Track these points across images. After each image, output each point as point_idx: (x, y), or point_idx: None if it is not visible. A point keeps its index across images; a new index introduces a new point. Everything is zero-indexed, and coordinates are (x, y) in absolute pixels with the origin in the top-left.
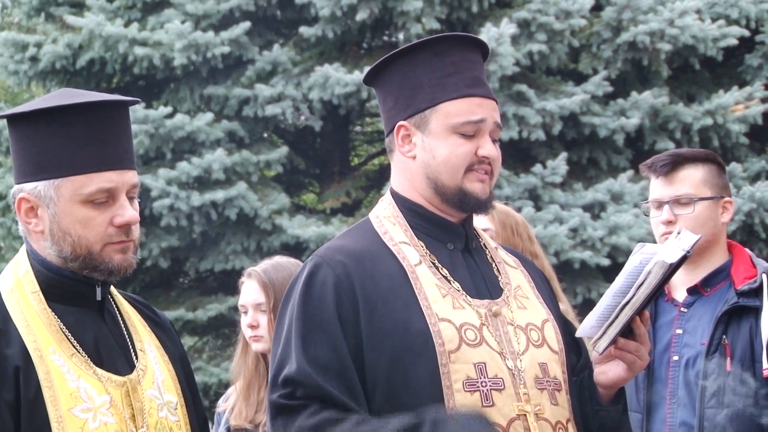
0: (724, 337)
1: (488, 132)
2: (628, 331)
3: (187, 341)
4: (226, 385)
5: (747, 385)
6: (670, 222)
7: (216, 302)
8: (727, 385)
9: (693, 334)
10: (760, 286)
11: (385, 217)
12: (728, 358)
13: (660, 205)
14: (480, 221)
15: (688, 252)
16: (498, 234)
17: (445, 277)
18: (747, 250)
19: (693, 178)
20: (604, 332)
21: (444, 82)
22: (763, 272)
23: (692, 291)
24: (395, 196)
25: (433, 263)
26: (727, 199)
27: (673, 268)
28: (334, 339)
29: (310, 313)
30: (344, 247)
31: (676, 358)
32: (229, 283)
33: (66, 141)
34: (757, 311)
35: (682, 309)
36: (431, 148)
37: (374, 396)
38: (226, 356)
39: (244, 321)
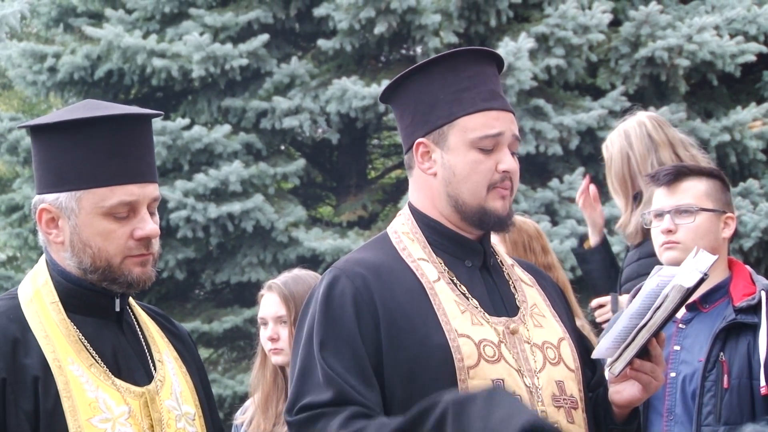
0: (722, 354)
1: (507, 145)
2: (643, 352)
3: (203, 353)
4: (241, 398)
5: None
6: (670, 231)
7: (232, 314)
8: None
9: (691, 350)
10: (759, 303)
11: (403, 233)
12: (725, 375)
13: (661, 214)
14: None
15: (705, 275)
16: (509, 254)
17: (464, 294)
18: (747, 267)
19: (696, 189)
20: (621, 354)
21: (460, 97)
22: (762, 289)
23: (691, 307)
24: (414, 211)
25: (452, 280)
26: (728, 215)
27: (690, 292)
28: (355, 349)
29: (330, 325)
30: (363, 260)
31: (673, 374)
32: (245, 295)
33: (89, 153)
34: (755, 328)
35: (680, 325)
36: (451, 165)
37: (391, 410)
38: (242, 368)
39: (264, 334)
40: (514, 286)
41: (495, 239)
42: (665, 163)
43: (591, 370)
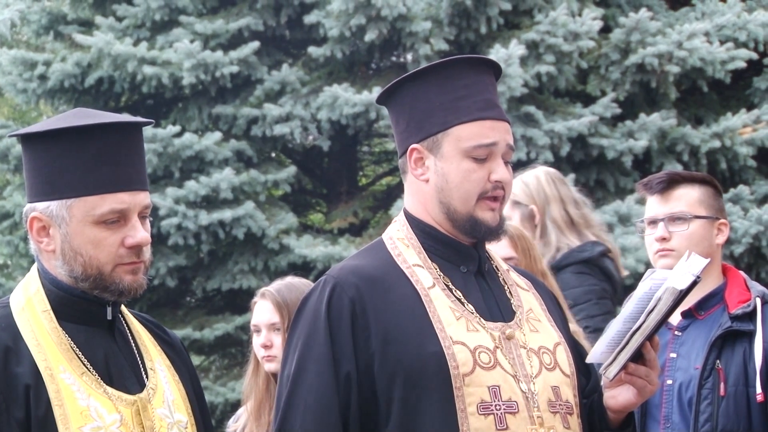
0: (718, 361)
1: (501, 155)
2: (638, 356)
3: (194, 360)
4: (233, 405)
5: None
6: (664, 239)
7: (223, 321)
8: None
9: (687, 358)
10: (754, 310)
11: (398, 239)
12: (722, 383)
13: (655, 222)
14: (503, 251)
15: (698, 277)
16: (520, 262)
17: (459, 300)
18: (741, 273)
19: (689, 196)
20: (615, 358)
21: (456, 106)
22: (757, 296)
23: (686, 314)
24: (409, 217)
25: (447, 286)
26: (722, 221)
27: (683, 294)
28: (343, 368)
29: (320, 340)
30: (358, 269)
31: (669, 382)
32: (236, 302)
33: (79, 161)
34: (750, 335)
35: (676, 332)
36: (444, 173)
37: (388, 420)
38: (233, 376)
39: (257, 341)
40: (510, 291)
41: (507, 248)
42: (555, 217)
43: (585, 377)
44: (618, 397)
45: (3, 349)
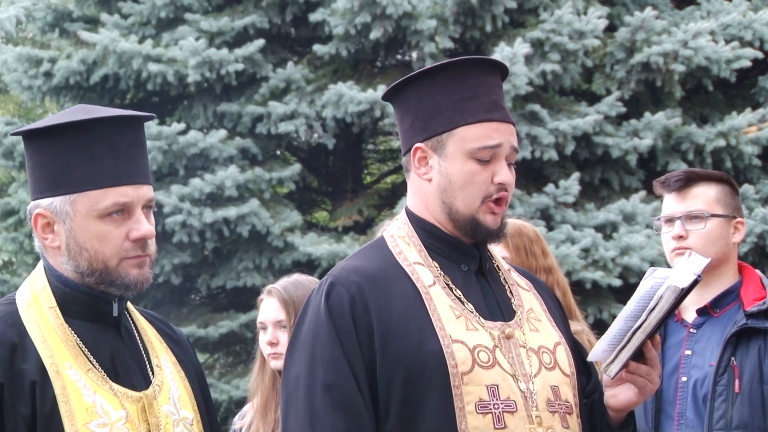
0: (733, 358)
1: (504, 156)
2: (639, 355)
3: (198, 358)
4: (237, 402)
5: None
6: (681, 237)
7: (227, 319)
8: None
9: (702, 355)
10: None
11: (399, 237)
12: (737, 380)
13: (672, 220)
14: (494, 249)
15: (699, 276)
16: (513, 260)
17: (459, 299)
18: (757, 271)
19: (706, 195)
20: (616, 356)
21: (462, 106)
22: None
23: (701, 312)
24: (410, 215)
25: (447, 284)
26: (739, 219)
27: (684, 293)
28: (352, 363)
29: (326, 337)
30: (358, 268)
31: (684, 379)
32: (240, 300)
33: (82, 156)
34: (765, 333)
35: (691, 330)
36: (447, 173)
37: (387, 416)
38: (237, 373)
39: (263, 338)
40: (510, 291)
41: (497, 247)
42: None
43: (585, 376)
44: (619, 396)
45: (9, 345)
